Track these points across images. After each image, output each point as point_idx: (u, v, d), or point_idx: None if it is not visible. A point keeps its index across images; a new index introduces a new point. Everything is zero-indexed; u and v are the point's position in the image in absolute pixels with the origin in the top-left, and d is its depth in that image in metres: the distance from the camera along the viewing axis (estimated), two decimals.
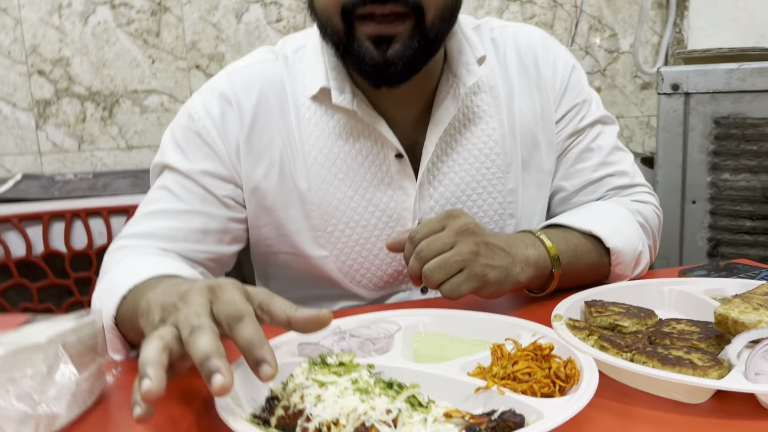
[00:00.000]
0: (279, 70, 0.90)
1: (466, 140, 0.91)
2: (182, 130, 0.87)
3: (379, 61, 0.80)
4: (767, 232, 1.40)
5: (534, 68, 0.95)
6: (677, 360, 0.58)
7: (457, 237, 0.74)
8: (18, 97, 1.66)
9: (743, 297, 0.65)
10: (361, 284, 0.93)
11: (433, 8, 0.80)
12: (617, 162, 0.98)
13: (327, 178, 0.88)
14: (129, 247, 0.84)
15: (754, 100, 1.36)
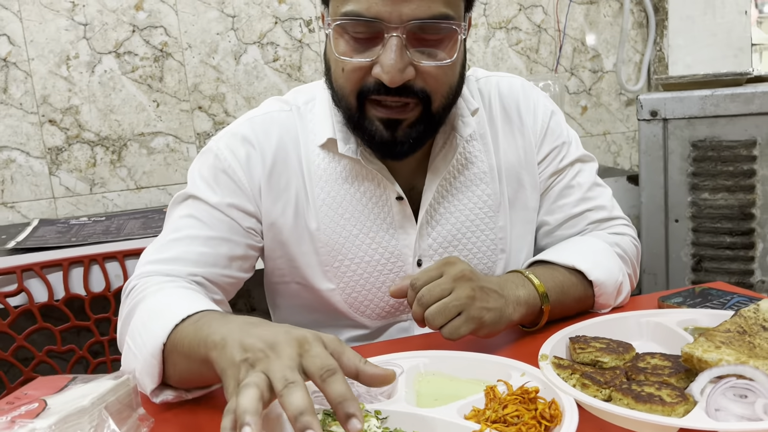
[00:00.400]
0: (293, 119, 0.99)
1: (461, 184, 1.00)
2: (209, 168, 0.95)
3: (388, 140, 0.88)
4: (746, 246, 1.48)
5: (516, 115, 1.04)
6: (649, 397, 0.66)
7: (454, 283, 0.81)
8: (31, 146, 1.74)
9: (707, 335, 0.73)
10: (365, 314, 1.02)
11: (440, 97, 0.88)
12: (596, 197, 1.07)
13: (334, 219, 0.97)
14: (157, 274, 0.89)
15: (728, 124, 1.44)
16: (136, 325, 0.81)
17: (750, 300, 0.95)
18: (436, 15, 0.82)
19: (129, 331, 0.83)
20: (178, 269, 0.90)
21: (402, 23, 0.81)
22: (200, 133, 1.85)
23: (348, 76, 0.87)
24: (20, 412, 0.65)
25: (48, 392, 0.71)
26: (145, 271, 0.90)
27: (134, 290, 0.88)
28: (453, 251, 1.01)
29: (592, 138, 2.19)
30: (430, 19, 0.82)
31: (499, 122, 1.03)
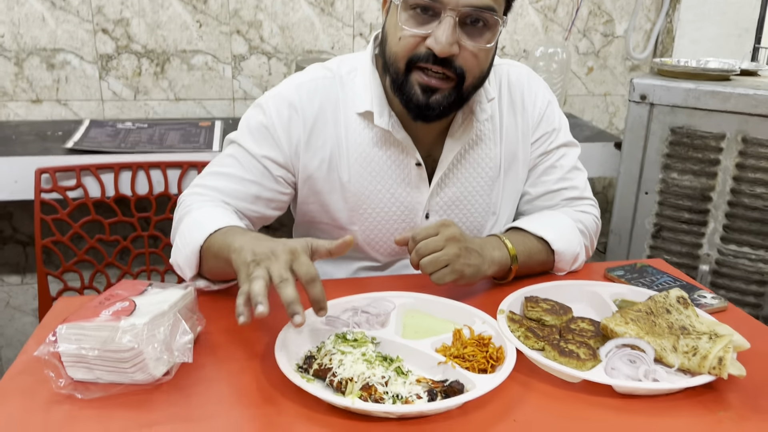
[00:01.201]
0: (336, 87, 1.17)
1: (471, 158, 1.22)
2: (256, 122, 1.16)
3: (422, 103, 1.07)
4: (700, 224, 1.71)
5: (520, 100, 1.24)
6: (569, 352, 0.91)
7: (446, 242, 1.04)
8: (85, 51, 1.92)
9: (623, 312, 0.98)
10: (378, 251, 1.26)
11: (472, 77, 1.07)
12: (573, 179, 1.29)
13: (363, 175, 1.19)
14: (203, 195, 1.15)
15: (705, 116, 1.63)
16: (184, 229, 1.08)
17: (674, 281, 1.20)
18: (484, 6, 1.00)
19: (178, 232, 1.10)
20: (216, 196, 1.15)
21: (458, 7, 0.99)
22: (236, 55, 2.03)
23: (404, 44, 1.04)
24: (117, 308, 0.91)
25: (133, 294, 0.96)
26: (194, 191, 1.16)
27: (184, 203, 1.15)
28: (456, 210, 1.24)
29: (594, 97, 2.36)
30: (480, 8, 1.00)
31: (505, 105, 1.23)
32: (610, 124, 2.40)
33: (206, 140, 1.80)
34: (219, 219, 1.06)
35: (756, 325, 1.07)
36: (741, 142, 1.60)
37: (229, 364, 0.91)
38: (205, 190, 1.16)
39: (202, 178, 1.18)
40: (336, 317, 1.01)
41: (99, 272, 1.73)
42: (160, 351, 0.87)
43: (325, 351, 0.90)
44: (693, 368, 0.87)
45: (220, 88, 2.04)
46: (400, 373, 0.86)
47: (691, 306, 1.00)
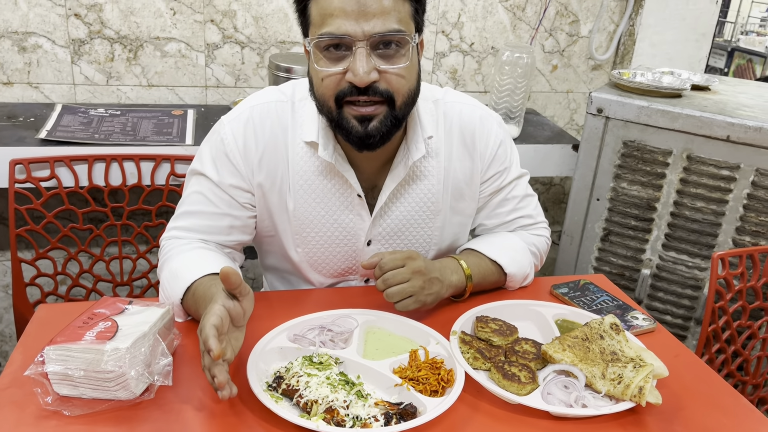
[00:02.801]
0: (287, 112, 1.21)
1: (412, 191, 1.27)
2: (215, 150, 1.21)
3: (362, 134, 1.10)
4: (645, 231, 1.83)
5: (471, 140, 1.29)
6: (512, 375, 1.02)
7: (412, 275, 1.13)
8: (57, 35, 1.92)
9: (561, 338, 1.09)
10: (321, 273, 1.34)
11: (401, 96, 1.10)
12: (525, 207, 1.37)
13: (307, 201, 1.25)
14: (180, 238, 1.23)
15: (654, 133, 1.73)
16: (166, 280, 1.16)
17: (612, 300, 1.32)
18: (391, 30, 1.04)
19: (161, 282, 1.18)
20: (191, 236, 1.23)
21: (366, 38, 1.03)
22: (210, 44, 2.05)
23: (327, 84, 1.08)
24: (100, 329, 0.98)
25: (114, 313, 1.03)
26: (172, 234, 1.24)
27: (164, 249, 1.23)
28: (396, 239, 1.30)
29: (556, 94, 2.45)
30: (387, 32, 1.04)
31: (455, 144, 1.27)
32: (571, 120, 2.50)
33: (179, 132, 1.84)
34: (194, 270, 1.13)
35: (678, 346, 1.19)
36: (686, 159, 1.72)
37: (203, 380, 1.00)
38: (181, 233, 1.23)
39: (176, 220, 1.24)
40: (302, 336, 1.10)
41: (72, 259, 1.78)
42: (141, 371, 0.95)
43: (292, 372, 0.99)
44: (617, 395, 0.99)
45: (193, 76, 2.07)
46: (360, 396, 0.96)
47: (622, 332, 1.12)
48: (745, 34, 7.03)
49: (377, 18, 1.03)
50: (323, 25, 1.05)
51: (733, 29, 7.11)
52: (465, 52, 2.28)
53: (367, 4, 1.02)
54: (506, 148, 1.31)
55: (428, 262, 1.19)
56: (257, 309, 1.18)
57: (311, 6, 1.07)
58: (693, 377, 1.10)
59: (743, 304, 1.53)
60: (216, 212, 1.22)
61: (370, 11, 1.02)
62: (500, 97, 2.02)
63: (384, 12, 1.03)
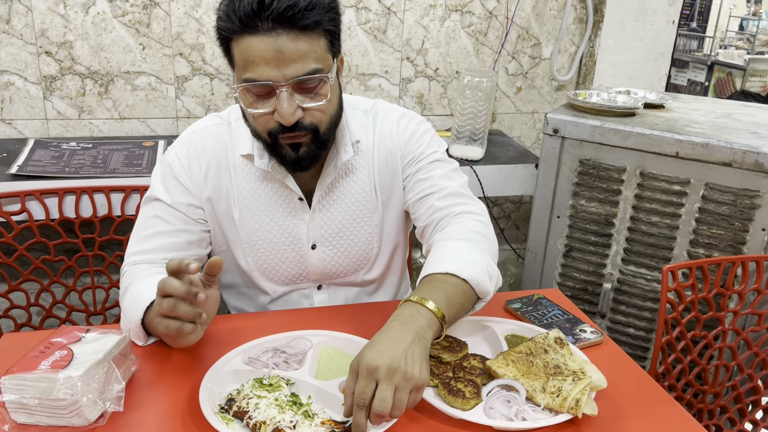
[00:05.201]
0: (224, 132, 1.32)
1: (345, 189, 1.36)
2: (164, 175, 1.31)
3: (295, 158, 1.21)
4: (605, 245, 1.88)
5: (389, 137, 1.35)
6: (457, 391, 1.06)
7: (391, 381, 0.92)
8: (29, 73, 1.98)
9: (506, 354, 1.13)
10: (273, 280, 1.40)
11: (324, 125, 1.19)
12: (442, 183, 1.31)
13: (252, 210, 1.34)
14: (139, 264, 1.28)
15: (609, 151, 1.79)
16: (127, 305, 1.20)
17: (563, 314, 1.36)
18: (309, 71, 1.11)
19: (123, 307, 1.22)
20: (154, 257, 1.28)
21: (287, 81, 1.10)
22: (179, 77, 2.11)
23: (257, 122, 1.18)
24: (56, 358, 1.02)
25: (71, 341, 1.07)
26: (132, 260, 1.29)
27: (126, 275, 1.27)
28: (339, 240, 1.38)
29: (522, 115, 2.51)
30: (305, 75, 1.11)
31: (381, 148, 1.35)
32: (537, 139, 2.56)
33: (149, 162, 1.89)
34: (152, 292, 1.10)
35: (623, 358, 1.23)
36: (639, 176, 1.77)
37: (158, 406, 1.04)
38: (141, 256, 1.29)
39: (134, 246, 1.30)
40: (257, 358, 1.14)
41: (45, 291, 1.82)
42: (94, 398, 0.99)
43: (243, 394, 1.03)
44: (556, 408, 1.03)
45: (163, 108, 2.12)
46: (307, 416, 0.99)
47: (566, 346, 1.16)
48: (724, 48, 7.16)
49: (295, 62, 1.10)
50: (246, 70, 1.11)
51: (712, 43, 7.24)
52: (430, 77, 2.35)
53: (284, 51, 1.08)
54: (420, 136, 1.36)
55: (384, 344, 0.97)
56: (216, 331, 1.22)
57: (233, 48, 1.14)
58: (634, 389, 1.14)
59: (696, 315, 1.58)
60: (173, 230, 1.30)
61: (288, 57, 1.09)
62: (463, 120, 2.08)
63: (301, 56, 1.10)
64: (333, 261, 1.40)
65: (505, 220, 2.64)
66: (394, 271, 1.50)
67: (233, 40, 1.13)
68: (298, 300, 1.44)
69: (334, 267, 1.41)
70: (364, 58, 2.24)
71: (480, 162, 2.11)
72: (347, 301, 1.47)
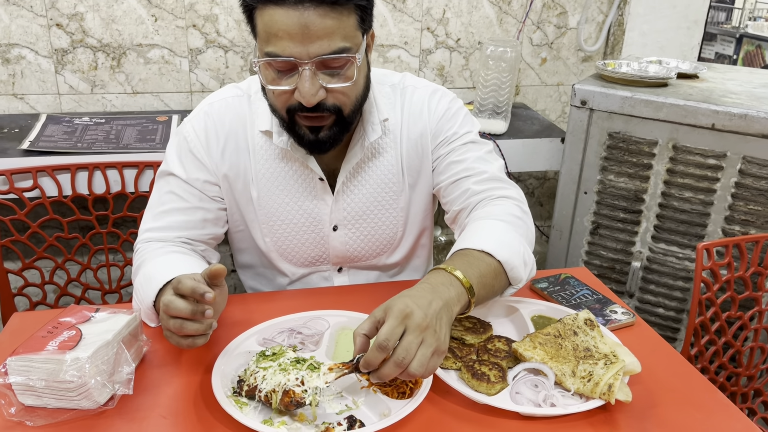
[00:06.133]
0: (244, 105, 1.25)
1: (371, 170, 1.28)
2: (180, 149, 1.25)
3: (313, 141, 1.14)
4: (634, 223, 1.80)
5: (422, 117, 1.26)
6: (481, 375, 1.01)
7: (422, 333, 0.88)
8: (39, 46, 1.93)
9: (533, 336, 1.07)
10: (292, 262, 1.35)
11: (348, 107, 1.11)
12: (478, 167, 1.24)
13: (271, 189, 1.27)
14: (153, 241, 1.23)
15: (639, 123, 1.71)
16: (139, 284, 1.14)
17: (592, 294, 1.30)
18: (335, 50, 1.03)
19: (135, 286, 1.16)
20: (168, 235, 1.23)
21: (310, 59, 1.02)
22: (193, 49, 2.05)
23: (277, 98, 1.10)
24: (64, 338, 0.98)
25: (80, 321, 1.03)
26: (145, 237, 1.24)
27: (139, 252, 1.23)
28: (363, 222, 1.31)
29: (546, 87, 2.42)
30: (331, 54, 1.03)
31: (410, 125, 1.27)
32: (563, 113, 2.47)
33: (163, 138, 1.84)
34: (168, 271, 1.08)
35: (657, 340, 1.17)
36: (671, 149, 1.69)
37: (170, 388, 1.00)
38: (156, 233, 1.24)
39: (148, 222, 1.25)
40: (271, 339, 1.10)
41: (59, 268, 1.79)
42: (103, 380, 0.95)
43: (250, 371, 0.98)
44: (587, 393, 0.97)
45: (177, 81, 2.07)
46: (313, 369, 0.94)
47: (597, 327, 1.10)
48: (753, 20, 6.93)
49: (322, 39, 1.01)
50: (268, 43, 1.03)
51: (741, 15, 7.01)
52: (451, 48, 2.27)
53: (310, 26, 1.00)
54: (453, 115, 1.28)
55: (417, 299, 0.93)
56: (230, 312, 1.18)
57: (256, 17, 1.06)
58: (669, 373, 1.07)
59: (732, 295, 1.50)
60: (188, 207, 1.24)
61: (314, 33, 1.00)
62: (485, 92, 2.00)
63: (328, 33, 1.01)
64: (355, 244, 1.34)
65: (529, 197, 2.56)
66: (418, 255, 1.43)
67: (257, 9, 1.04)
68: (317, 282, 1.38)
69: (356, 250, 1.35)
70: (382, 29, 2.17)
71: (503, 136, 2.04)
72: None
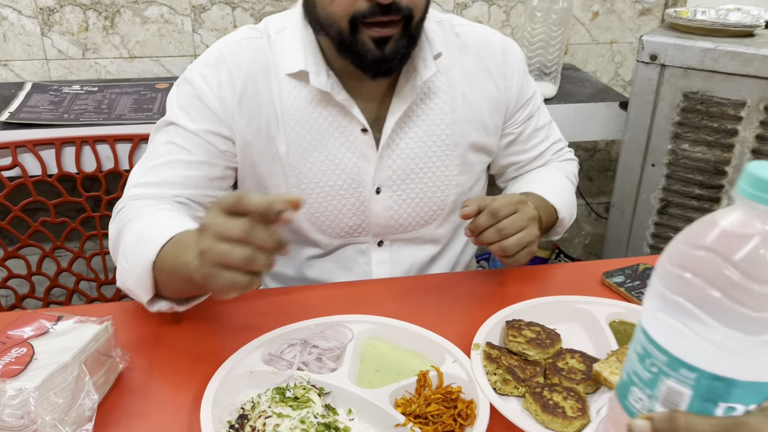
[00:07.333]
0: (264, 47, 1.04)
1: (421, 120, 1.09)
2: (185, 96, 1.03)
3: (379, 58, 0.96)
4: (712, 200, 1.53)
5: (494, 67, 1.11)
6: (554, 407, 0.76)
7: (528, 222, 0.96)
8: (22, 4, 1.70)
9: (618, 355, 0.82)
10: (326, 233, 1.12)
11: (418, 12, 0.97)
12: (553, 134, 1.23)
13: (302, 144, 1.05)
14: (141, 198, 0.98)
15: (723, 80, 1.42)
16: (128, 245, 0.89)
17: None
18: None
19: (121, 249, 0.91)
20: (164, 192, 0.99)
21: None
22: (196, 6, 1.80)
23: (340, 3, 0.93)
24: (11, 359, 0.75)
25: (34, 334, 0.80)
26: (133, 194, 0.99)
27: (123, 211, 0.97)
28: (410, 183, 1.11)
29: (598, 46, 2.14)
30: None
31: (474, 69, 1.10)
32: (616, 75, 2.19)
33: (161, 107, 1.61)
34: (171, 225, 0.88)
35: None
36: (763, 111, 1.41)
37: (149, 423, 0.77)
38: (148, 189, 0.99)
39: (138, 177, 1.02)
40: (280, 356, 0.86)
41: (47, 257, 1.58)
42: (59, 416, 0.72)
43: (259, 411, 0.75)
44: None
45: (179, 44, 1.83)
46: None
47: None
48: None
49: None
50: None
51: None
52: (490, 2, 1.99)
53: None
54: (528, 77, 1.18)
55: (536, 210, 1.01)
56: (229, 312, 0.95)
57: None
58: None
59: None
60: (194, 161, 1.01)
61: None
62: (532, 50, 1.73)
63: None
64: (401, 209, 1.12)
65: None
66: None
67: None
68: (352, 256, 1.15)
69: (401, 216, 1.13)
70: None
71: (552, 101, 1.77)
72: (411, 264, 1.17)
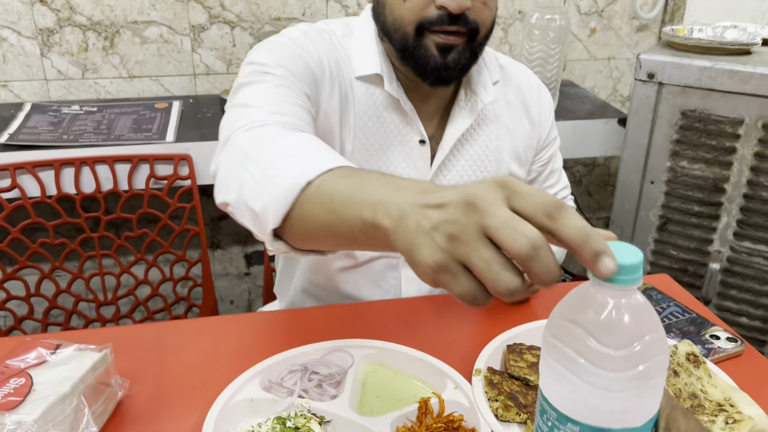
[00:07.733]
0: (335, 43, 1.03)
1: (470, 145, 1.11)
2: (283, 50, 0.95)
3: (441, 65, 0.96)
4: (711, 217, 1.53)
5: (531, 104, 1.15)
6: None
7: None
8: (22, 26, 1.70)
9: None
10: None
11: (484, 29, 0.98)
12: (562, 180, 1.25)
13: (366, 146, 1.05)
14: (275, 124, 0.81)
15: (721, 99, 1.43)
16: (269, 156, 0.71)
17: (683, 312, 1.03)
18: None
19: (254, 160, 0.72)
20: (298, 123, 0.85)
21: None
22: (195, 26, 1.81)
23: (411, 6, 0.94)
24: (9, 390, 0.75)
25: (33, 364, 0.80)
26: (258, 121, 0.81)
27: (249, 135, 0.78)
28: None
29: (596, 62, 2.14)
30: None
31: (515, 103, 1.13)
32: (614, 90, 2.19)
33: (160, 128, 1.61)
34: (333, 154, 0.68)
35: None
36: (761, 129, 1.41)
37: None
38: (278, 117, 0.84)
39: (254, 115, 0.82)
40: (278, 383, 0.85)
41: (46, 278, 1.57)
42: None
43: None
44: None
45: (178, 63, 1.83)
46: None
47: (703, 364, 0.84)
48: None
49: None
50: None
51: None
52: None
53: None
54: (553, 117, 1.20)
55: None
56: (231, 335, 0.94)
57: None
58: None
59: None
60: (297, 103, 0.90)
61: None
62: (531, 67, 1.73)
63: None
64: None
65: (575, 186, 2.29)
66: None
67: None
68: (381, 271, 1.12)
69: None
70: None
71: None
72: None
